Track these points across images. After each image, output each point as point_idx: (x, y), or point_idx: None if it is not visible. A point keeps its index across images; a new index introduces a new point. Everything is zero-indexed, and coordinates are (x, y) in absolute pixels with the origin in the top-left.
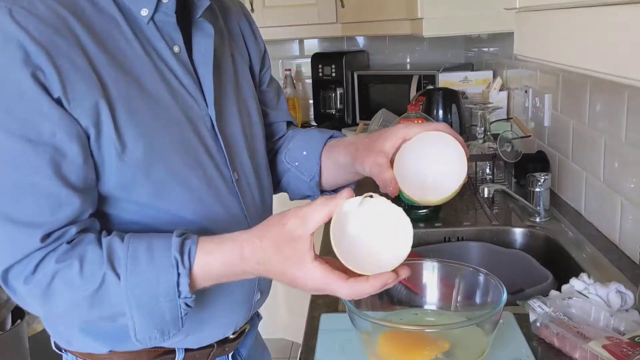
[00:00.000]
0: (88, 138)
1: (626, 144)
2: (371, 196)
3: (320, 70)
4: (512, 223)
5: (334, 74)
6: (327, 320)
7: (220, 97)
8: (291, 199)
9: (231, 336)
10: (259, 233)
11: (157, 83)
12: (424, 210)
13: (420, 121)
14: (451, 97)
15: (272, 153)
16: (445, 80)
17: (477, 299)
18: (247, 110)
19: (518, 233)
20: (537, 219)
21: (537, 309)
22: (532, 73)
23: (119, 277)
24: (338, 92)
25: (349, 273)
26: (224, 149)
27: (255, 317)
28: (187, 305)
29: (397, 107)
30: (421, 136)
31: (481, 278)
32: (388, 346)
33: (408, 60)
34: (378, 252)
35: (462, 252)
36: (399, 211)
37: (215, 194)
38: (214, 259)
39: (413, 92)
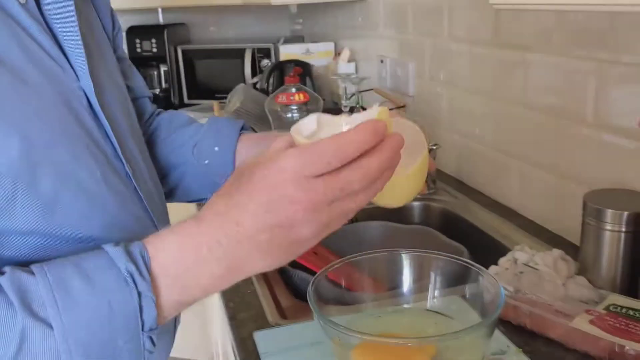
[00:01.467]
0: None
1: (522, 105)
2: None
3: (138, 45)
4: None
5: (155, 50)
6: (265, 340)
7: (91, 63)
8: (173, 200)
9: None
10: (217, 193)
11: (14, 49)
12: None
13: (303, 95)
14: (304, 70)
15: (146, 139)
16: (287, 52)
17: (466, 294)
18: (116, 82)
19: (415, 207)
20: (425, 191)
21: (491, 288)
22: (389, 42)
23: (49, 324)
24: (162, 70)
25: None
26: (111, 134)
27: None
28: (151, 341)
29: (231, 84)
30: None
31: (463, 269)
32: None
33: (232, 34)
34: None
35: (363, 235)
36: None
37: (117, 195)
38: (168, 247)
39: (247, 67)
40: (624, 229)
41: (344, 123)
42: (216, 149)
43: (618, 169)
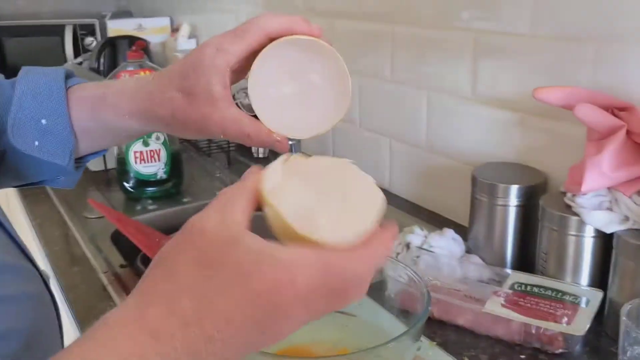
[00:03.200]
0: None
1: (392, 82)
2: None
3: None
4: None
5: None
6: None
7: None
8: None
9: None
10: (158, 276)
11: None
12: (160, 187)
13: (149, 72)
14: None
15: None
16: (116, 28)
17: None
18: None
19: None
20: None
21: (400, 278)
22: (235, 16)
23: None
24: None
25: None
26: None
27: None
28: None
29: (51, 65)
30: (267, 55)
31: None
32: None
33: (47, 8)
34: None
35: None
36: (343, 163)
37: None
38: None
39: (69, 45)
40: (515, 203)
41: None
42: (43, 122)
43: (498, 142)
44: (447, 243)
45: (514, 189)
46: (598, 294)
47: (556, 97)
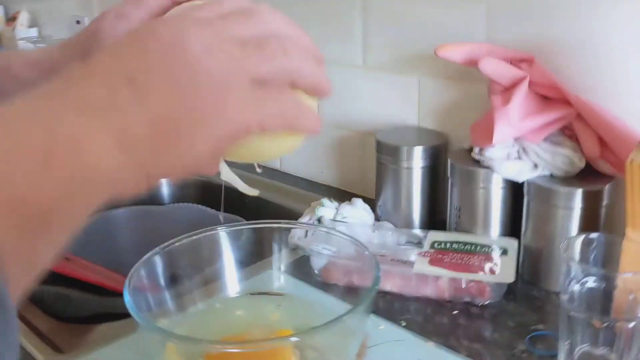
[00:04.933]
0: None
1: None
2: None
3: None
4: None
5: None
6: None
7: None
8: None
9: None
10: None
11: None
12: None
13: None
14: None
15: None
16: None
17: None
18: None
19: (166, 184)
20: None
21: (324, 250)
22: (75, 2)
23: None
24: None
25: None
26: None
27: None
28: None
29: None
30: None
31: (255, 235)
32: None
33: None
34: None
35: (111, 228)
36: None
37: None
38: None
39: None
40: (420, 165)
41: None
42: None
43: (395, 108)
44: (358, 212)
45: (418, 150)
46: (514, 242)
47: (459, 54)
